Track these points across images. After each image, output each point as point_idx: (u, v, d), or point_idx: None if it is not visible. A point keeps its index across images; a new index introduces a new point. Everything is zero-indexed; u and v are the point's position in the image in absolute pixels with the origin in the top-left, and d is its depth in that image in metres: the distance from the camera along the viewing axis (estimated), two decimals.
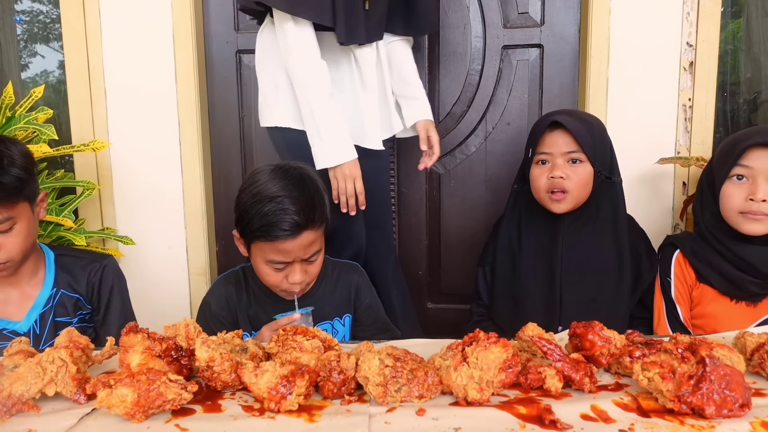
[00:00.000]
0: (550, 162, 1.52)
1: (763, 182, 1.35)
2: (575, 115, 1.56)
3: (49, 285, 1.44)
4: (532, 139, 1.57)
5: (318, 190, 1.34)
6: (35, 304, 1.42)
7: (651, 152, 1.99)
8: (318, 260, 1.35)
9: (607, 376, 0.95)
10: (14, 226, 1.30)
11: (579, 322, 1.00)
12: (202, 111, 2.11)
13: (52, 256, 1.47)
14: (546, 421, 0.78)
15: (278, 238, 1.25)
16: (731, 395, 0.78)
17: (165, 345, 0.91)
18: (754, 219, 1.36)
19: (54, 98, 2.27)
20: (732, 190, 1.39)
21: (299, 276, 1.30)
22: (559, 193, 1.49)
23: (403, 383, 0.85)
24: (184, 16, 2.03)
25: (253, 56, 2.14)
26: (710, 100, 2.00)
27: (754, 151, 1.36)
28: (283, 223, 1.23)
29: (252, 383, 0.84)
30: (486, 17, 2.09)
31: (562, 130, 1.49)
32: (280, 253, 1.27)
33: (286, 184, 1.29)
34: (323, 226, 1.33)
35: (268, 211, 1.24)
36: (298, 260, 1.30)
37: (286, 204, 1.24)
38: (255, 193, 1.28)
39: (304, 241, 1.27)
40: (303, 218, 1.25)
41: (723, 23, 2.03)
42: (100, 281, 1.48)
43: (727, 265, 1.40)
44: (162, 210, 2.13)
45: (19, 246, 1.31)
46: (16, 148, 1.33)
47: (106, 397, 0.79)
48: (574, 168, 1.49)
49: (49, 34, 2.34)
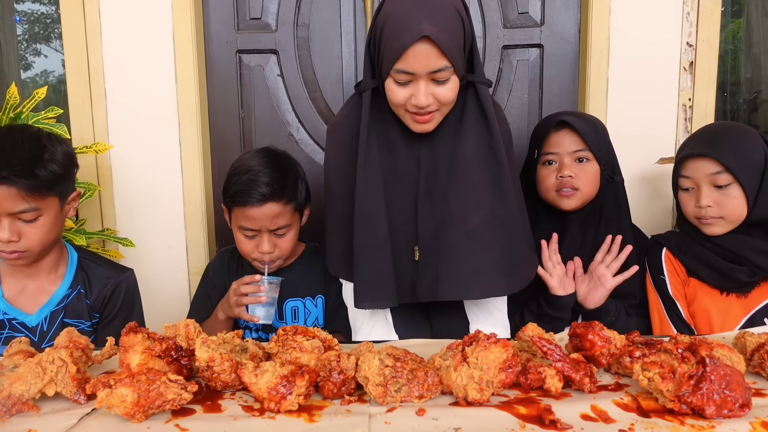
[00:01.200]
0: (557, 162, 1.52)
1: (705, 189, 1.43)
2: (578, 115, 1.58)
3: (67, 284, 1.45)
4: (537, 139, 1.57)
5: (294, 173, 1.52)
6: (50, 301, 1.43)
7: (651, 152, 1.99)
8: (288, 236, 1.51)
9: (607, 376, 0.95)
10: (39, 217, 1.32)
11: (579, 322, 1.00)
12: (202, 111, 2.11)
13: (75, 256, 1.49)
14: (546, 421, 0.78)
15: (246, 204, 1.44)
16: (731, 395, 0.78)
17: (165, 345, 0.91)
18: (708, 224, 1.44)
19: (54, 98, 2.27)
20: (685, 199, 1.49)
21: (267, 246, 1.47)
22: (569, 189, 1.49)
23: (403, 383, 0.85)
24: (184, 16, 2.03)
25: (253, 56, 2.15)
26: (710, 100, 2.00)
27: (690, 161, 1.45)
28: (252, 191, 1.43)
29: (252, 383, 0.84)
30: (486, 17, 2.09)
31: (567, 129, 1.50)
32: (248, 219, 1.46)
33: (266, 161, 1.50)
34: (293, 204, 1.49)
35: (243, 180, 1.45)
36: (266, 230, 1.47)
37: (259, 176, 1.45)
38: (237, 166, 1.52)
39: (269, 212, 1.44)
40: (270, 190, 1.43)
41: (723, 23, 2.03)
42: (110, 295, 1.49)
43: (713, 256, 1.45)
44: (162, 210, 2.13)
45: (40, 238, 1.33)
46: (60, 147, 1.37)
47: (106, 397, 0.79)
48: (582, 166, 1.50)
49: (50, 34, 2.34)
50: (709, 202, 1.41)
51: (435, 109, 1.25)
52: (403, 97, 1.24)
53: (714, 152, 1.40)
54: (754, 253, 1.40)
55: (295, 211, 1.52)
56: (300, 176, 1.55)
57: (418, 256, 1.34)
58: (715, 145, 1.42)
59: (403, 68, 1.20)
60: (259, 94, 2.15)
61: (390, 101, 1.28)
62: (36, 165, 1.29)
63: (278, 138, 2.15)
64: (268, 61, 2.14)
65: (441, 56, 1.19)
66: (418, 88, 1.21)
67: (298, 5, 2.10)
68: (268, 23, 2.12)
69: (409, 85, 1.23)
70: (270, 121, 2.15)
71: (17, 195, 1.26)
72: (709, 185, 1.42)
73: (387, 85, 1.25)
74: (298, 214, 1.55)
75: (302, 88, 2.13)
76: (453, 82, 1.24)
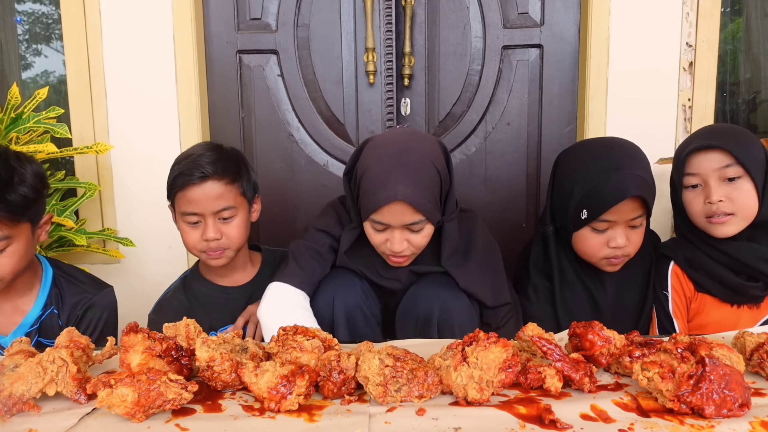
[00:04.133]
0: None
1: (714, 183, 1.35)
2: (642, 169, 1.40)
3: (41, 304, 1.37)
4: (572, 178, 1.42)
5: (237, 157, 1.49)
6: (24, 322, 1.36)
7: (650, 152, 1.97)
8: (234, 222, 1.44)
9: (606, 375, 0.95)
10: (9, 246, 1.23)
11: (579, 322, 1.00)
12: (202, 111, 2.11)
13: (50, 273, 1.41)
14: (546, 420, 0.78)
15: (186, 185, 1.39)
16: (731, 395, 0.78)
17: (165, 345, 0.91)
18: (719, 222, 1.36)
19: (54, 98, 2.27)
20: (690, 197, 1.40)
21: (212, 231, 1.41)
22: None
23: (403, 383, 0.85)
24: (184, 16, 2.03)
25: (253, 56, 2.15)
26: (710, 100, 2.00)
27: (697, 156, 1.37)
28: (193, 171, 1.39)
29: (252, 383, 0.84)
30: (486, 17, 2.10)
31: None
32: (190, 203, 1.41)
33: (207, 146, 1.48)
34: (236, 185, 1.44)
35: (184, 164, 1.42)
36: (210, 214, 1.41)
37: (199, 158, 1.41)
38: (179, 157, 1.48)
39: (210, 191, 1.39)
40: (211, 168, 1.39)
41: (723, 23, 2.03)
42: (82, 315, 1.40)
43: (725, 272, 1.38)
44: (162, 210, 2.11)
45: (10, 267, 1.25)
46: (30, 167, 1.27)
47: (107, 396, 0.79)
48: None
49: (50, 35, 2.34)
50: (720, 196, 1.32)
51: (410, 253, 1.33)
52: (380, 240, 1.32)
53: (723, 143, 1.32)
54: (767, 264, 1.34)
55: (240, 195, 1.45)
56: (244, 161, 1.50)
57: None
58: (722, 138, 1.34)
59: (379, 220, 1.28)
60: (259, 94, 2.15)
61: (370, 239, 1.35)
62: (6, 189, 1.19)
63: (278, 138, 2.15)
64: (268, 62, 2.14)
65: (415, 213, 1.26)
66: (393, 237, 1.30)
67: (298, 5, 2.10)
68: (269, 23, 2.12)
69: (386, 231, 1.31)
70: (270, 121, 2.15)
71: None
72: (718, 180, 1.34)
73: (366, 227, 1.34)
74: (245, 200, 1.47)
75: (302, 88, 2.13)
76: (427, 229, 1.31)
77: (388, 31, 2.04)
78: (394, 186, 1.24)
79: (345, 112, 2.14)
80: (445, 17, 2.10)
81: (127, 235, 2.05)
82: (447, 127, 2.17)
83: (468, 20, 2.10)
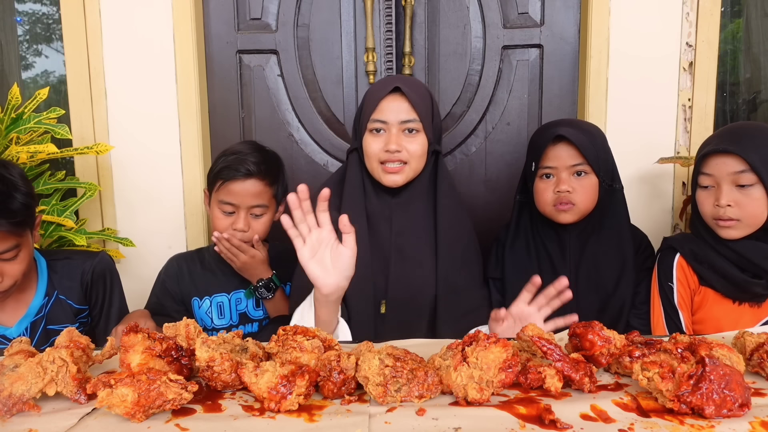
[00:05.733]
0: (554, 176, 1.50)
1: (726, 187, 1.36)
2: (576, 125, 1.55)
3: (42, 293, 1.45)
4: (535, 152, 1.54)
5: (278, 163, 1.64)
6: (27, 313, 1.43)
7: (651, 152, 1.99)
8: (263, 219, 1.59)
9: (606, 375, 0.95)
10: (19, 253, 1.30)
11: (579, 322, 1.00)
12: (202, 111, 2.12)
13: (44, 263, 1.48)
14: (546, 420, 0.78)
15: (231, 179, 1.53)
16: (731, 395, 0.78)
17: (165, 345, 0.91)
18: (726, 226, 1.38)
19: (55, 98, 2.27)
20: (703, 197, 1.42)
21: (242, 223, 1.55)
22: (566, 204, 1.48)
23: (403, 383, 0.85)
24: (184, 16, 2.03)
25: (253, 56, 2.15)
26: (710, 100, 2.00)
27: (713, 158, 1.39)
28: (239, 167, 1.53)
29: (252, 383, 0.84)
30: (486, 17, 2.10)
31: (565, 142, 1.48)
32: (230, 194, 1.54)
33: (254, 147, 1.62)
34: (273, 188, 1.59)
35: (231, 159, 1.56)
36: (245, 207, 1.55)
37: (246, 156, 1.56)
38: (225, 150, 1.62)
39: (251, 188, 1.54)
40: (255, 168, 1.54)
41: (723, 23, 2.03)
42: (92, 278, 1.51)
43: (730, 267, 1.39)
44: (162, 210, 2.13)
45: (21, 272, 1.34)
46: (16, 171, 1.32)
47: (107, 396, 0.79)
48: (579, 180, 1.48)
49: (51, 35, 2.34)
50: (729, 201, 1.35)
51: (404, 161, 1.40)
52: (377, 146, 1.40)
53: (740, 150, 1.33)
54: None
55: (273, 197, 1.60)
56: (283, 169, 1.66)
57: (385, 309, 1.44)
58: (740, 143, 1.35)
59: (377, 117, 1.39)
60: (259, 94, 2.15)
61: (366, 154, 1.43)
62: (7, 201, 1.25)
63: (278, 138, 2.15)
64: (268, 62, 2.14)
65: (411, 110, 1.38)
66: (390, 135, 1.39)
67: (298, 5, 2.10)
68: (269, 23, 2.12)
69: (383, 136, 1.40)
70: (270, 121, 2.16)
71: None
72: (730, 184, 1.36)
73: (365, 141, 1.42)
74: (275, 203, 1.62)
75: (302, 88, 2.13)
76: (421, 138, 1.41)
77: (388, 31, 2.04)
78: (392, 83, 1.40)
79: (345, 112, 2.14)
80: (445, 17, 2.10)
81: (127, 236, 2.05)
82: (447, 127, 2.17)
83: (468, 20, 2.10)
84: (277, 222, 1.59)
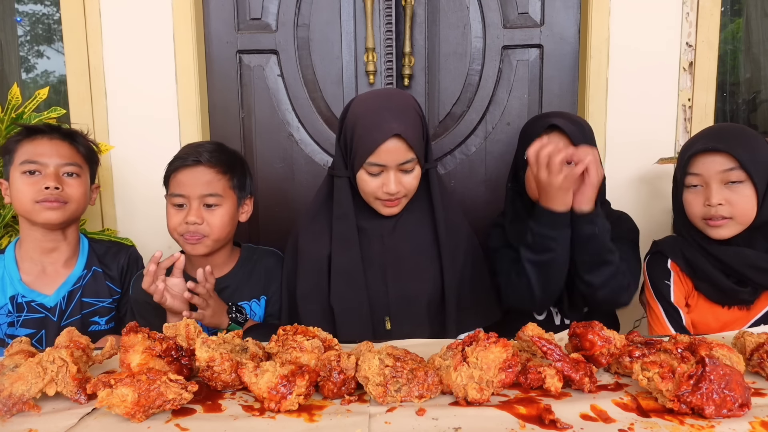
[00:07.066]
0: None
1: (715, 187, 1.37)
2: (567, 117, 1.55)
3: (81, 266, 1.60)
4: (527, 141, 1.53)
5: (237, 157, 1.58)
6: (66, 281, 1.56)
7: (650, 152, 1.99)
8: (218, 212, 1.49)
9: (606, 376, 0.95)
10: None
11: (579, 322, 1.00)
12: (202, 111, 2.11)
13: (86, 241, 1.66)
14: (546, 420, 0.78)
15: (179, 167, 1.48)
16: (731, 395, 0.78)
17: (165, 345, 0.92)
18: (716, 225, 1.38)
19: (55, 98, 2.27)
20: (690, 198, 1.42)
21: (194, 215, 1.46)
22: None
23: (403, 383, 0.85)
24: (184, 16, 2.03)
25: (253, 56, 2.15)
26: (710, 100, 2.00)
27: (701, 157, 1.39)
28: (188, 156, 1.49)
29: (252, 383, 0.84)
30: (486, 17, 2.09)
31: (558, 132, 1.48)
32: (179, 184, 1.48)
33: (212, 142, 1.60)
34: (228, 176, 1.51)
35: (183, 150, 1.54)
36: (195, 197, 1.47)
37: (198, 147, 1.52)
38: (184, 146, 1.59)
39: (201, 176, 1.47)
40: (207, 156, 1.48)
41: (723, 23, 2.03)
42: (127, 265, 1.65)
43: (716, 273, 1.40)
44: (162, 210, 2.12)
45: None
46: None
47: (107, 396, 0.79)
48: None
49: (51, 35, 2.34)
50: (720, 199, 1.35)
51: (402, 195, 1.42)
52: (375, 186, 1.39)
53: (728, 147, 1.34)
54: (756, 272, 1.36)
55: (230, 188, 1.51)
56: (242, 160, 1.60)
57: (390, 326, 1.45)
58: (728, 142, 1.35)
59: (375, 161, 1.36)
60: (259, 95, 2.15)
61: (362, 190, 1.42)
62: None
63: (278, 138, 2.15)
64: (268, 62, 2.14)
65: (408, 150, 1.36)
66: (389, 178, 1.38)
67: (298, 5, 2.10)
68: (268, 23, 2.12)
69: (380, 176, 1.39)
70: (270, 121, 2.15)
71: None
72: (719, 183, 1.36)
73: (359, 176, 1.40)
74: (234, 194, 1.52)
75: (302, 88, 2.13)
76: (417, 171, 1.41)
77: (388, 31, 2.04)
78: (388, 124, 1.34)
79: None
80: (445, 17, 2.10)
81: (127, 236, 2.05)
82: (447, 127, 2.17)
83: (468, 20, 2.10)
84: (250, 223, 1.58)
